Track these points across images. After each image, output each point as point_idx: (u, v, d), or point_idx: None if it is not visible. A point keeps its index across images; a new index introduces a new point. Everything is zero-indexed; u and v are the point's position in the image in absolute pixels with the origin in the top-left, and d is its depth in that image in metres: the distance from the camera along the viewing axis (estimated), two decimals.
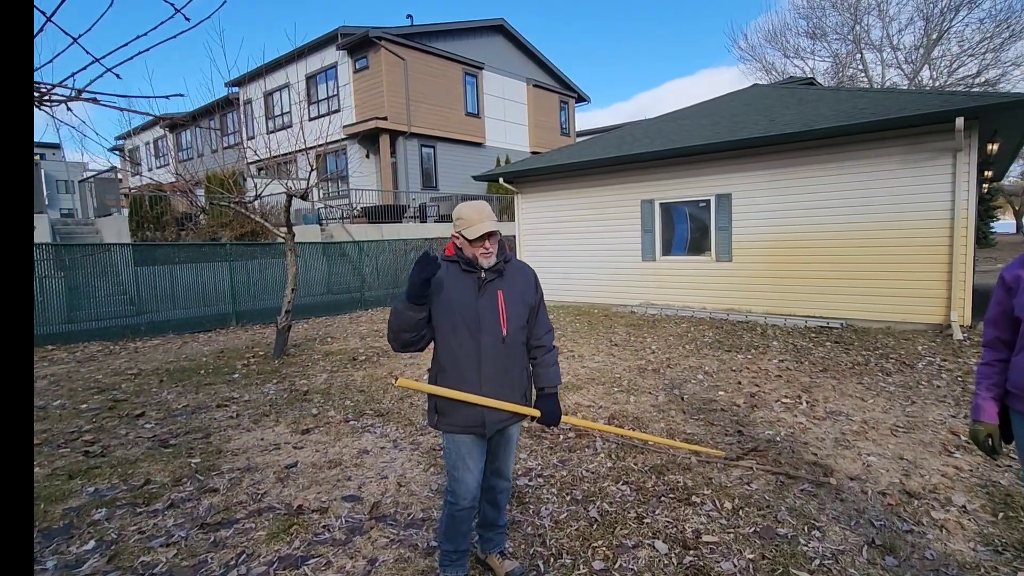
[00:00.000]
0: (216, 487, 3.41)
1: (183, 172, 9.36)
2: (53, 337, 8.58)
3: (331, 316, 11.54)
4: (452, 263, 2.19)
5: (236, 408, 5.08)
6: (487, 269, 2.17)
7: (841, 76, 25.30)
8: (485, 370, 2.15)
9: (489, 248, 2.14)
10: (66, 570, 2.58)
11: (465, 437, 2.20)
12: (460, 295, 2.14)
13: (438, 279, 2.13)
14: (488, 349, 2.14)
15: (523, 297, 2.25)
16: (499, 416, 2.21)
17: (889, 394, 4.90)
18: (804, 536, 2.69)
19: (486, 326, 2.13)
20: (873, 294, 7.93)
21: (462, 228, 2.13)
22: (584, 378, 5.72)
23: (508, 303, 2.18)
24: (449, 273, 2.17)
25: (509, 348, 2.20)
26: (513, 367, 2.24)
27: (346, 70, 17.97)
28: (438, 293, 2.13)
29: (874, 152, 7.76)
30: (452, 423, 2.19)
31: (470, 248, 2.14)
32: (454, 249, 2.22)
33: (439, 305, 2.13)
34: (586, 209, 11.17)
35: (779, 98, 10.97)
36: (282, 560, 2.61)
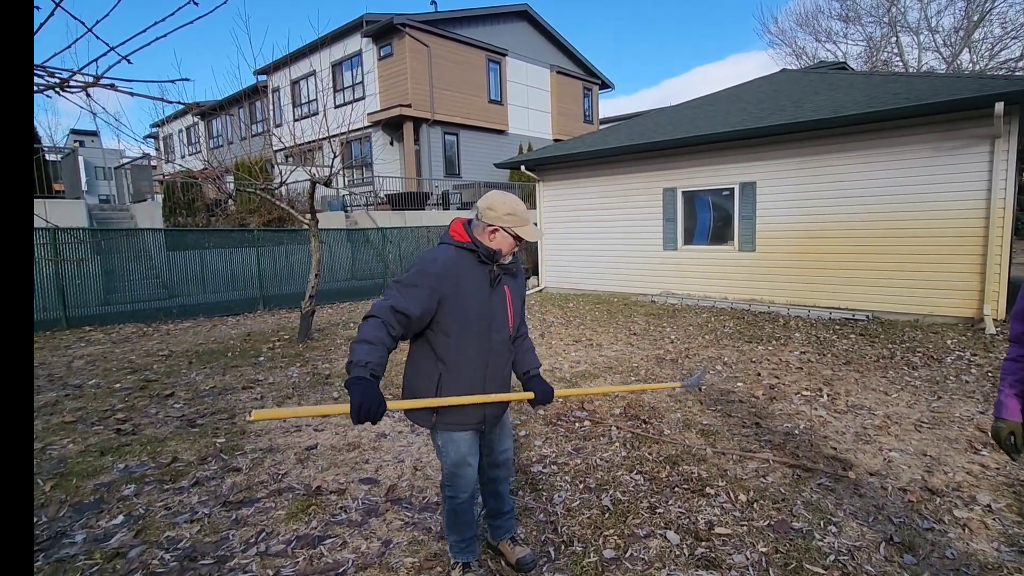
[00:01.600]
0: (239, 467, 3.52)
1: (213, 159, 9.56)
2: (91, 318, 8.93)
3: (354, 302, 11.72)
4: (467, 251, 2.01)
5: (261, 390, 5.22)
6: (502, 265, 2.09)
7: (875, 60, 24.38)
8: (491, 369, 2.09)
9: (517, 248, 2.11)
10: (95, 543, 2.69)
11: (466, 434, 2.13)
12: (475, 290, 2.00)
13: (457, 272, 1.96)
14: (496, 347, 2.08)
15: (521, 294, 2.24)
16: (497, 412, 2.21)
17: (914, 388, 4.78)
18: (820, 531, 2.65)
19: (496, 324, 2.06)
20: (901, 286, 7.70)
21: (515, 225, 1.99)
22: (601, 367, 5.71)
23: (513, 300, 2.15)
24: (463, 264, 1.99)
25: (509, 347, 2.18)
26: (508, 364, 2.23)
27: (371, 57, 18.03)
28: (456, 288, 1.95)
29: (906, 139, 7.49)
30: (453, 422, 2.08)
31: (507, 244, 2.03)
32: (466, 233, 2.04)
33: (453, 300, 1.95)
34: (608, 197, 11.06)
35: (808, 83, 10.65)
36: (300, 539, 2.69)
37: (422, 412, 2.08)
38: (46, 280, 8.53)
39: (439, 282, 1.93)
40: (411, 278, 1.94)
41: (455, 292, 1.95)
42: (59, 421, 4.43)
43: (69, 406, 4.82)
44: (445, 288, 1.93)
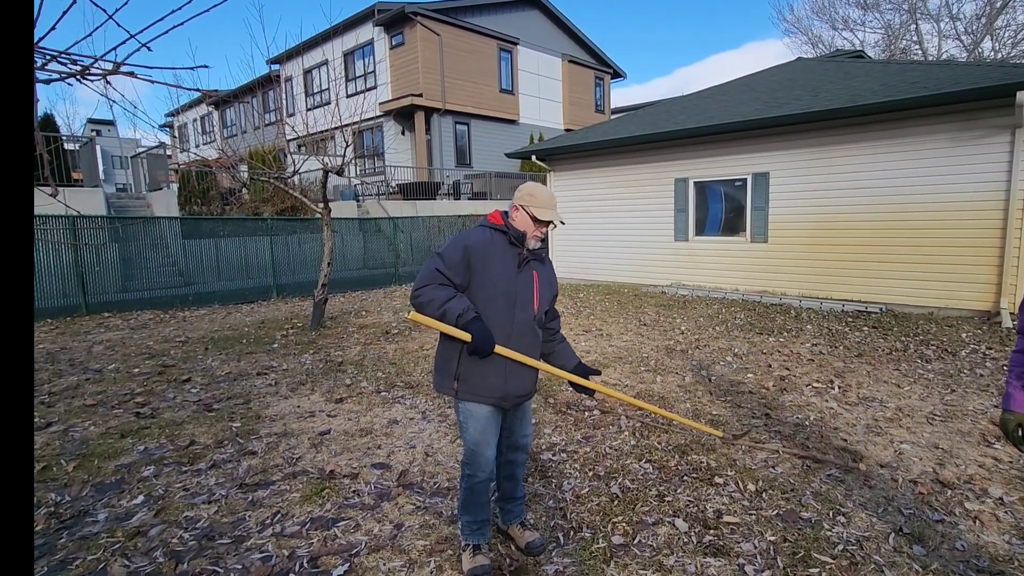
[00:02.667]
0: (255, 450, 3.60)
1: (227, 148, 9.64)
2: (109, 305, 9.10)
3: (366, 290, 11.81)
4: (500, 233, 2.22)
5: (275, 376, 5.31)
6: (530, 250, 2.25)
7: (893, 49, 23.81)
8: (513, 343, 2.20)
9: (542, 234, 2.25)
10: (116, 522, 2.77)
11: (485, 409, 2.24)
12: (503, 267, 2.18)
13: (486, 247, 2.17)
14: (519, 324, 2.21)
15: (551, 285, 2.36)
16: (519, 391, 2.27)
17: (927, 381, 4.74)
18: (828, 521, 2.67)
19: (521, 301, 2.21)
20: (916, 278, 7.61)
21: (533, 205, 2.18)
22: (611, 356, 5.72)
23: (541, 284, 2.28)
24: (495, 243, 2.20)
25: (535, 327, 2.28)
26: (535, 345, 2.32)
27: (382, 46, 17.99)
28: (485, 260, 2.15)
29: (924, 128, 7.37)
30: (473, 391, 2.20)
31: (532, 227, 2.20)
32: (502, 218, 2.25)
33: (485, 271, 2.15)
34: (619, 187, 11.01)
35: (824, 72, 10.49)
36: (314, 521, 2.75)
37: (445, 379, 2.25)
38: (66, 267, 8.69)
39: (470, 253, 2.14)
40: (447, 248, 2.16)
41: (484, 265, 2.15)
42: (80, 404, 4.54)
43: (90, 390, 4.93)
44: (475, 259, 2.13)
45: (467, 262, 2.13)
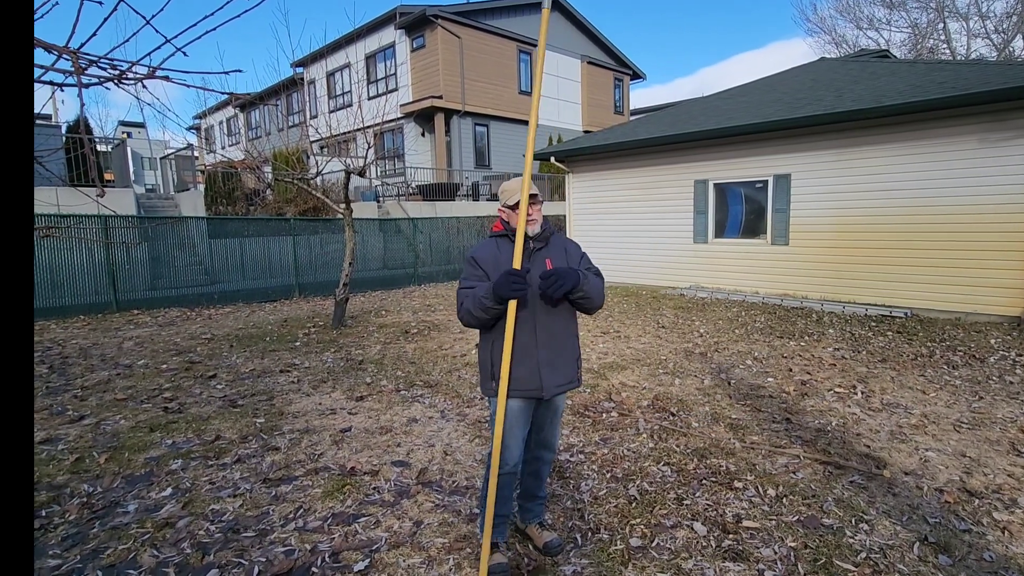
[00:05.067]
0: (278, 446, 3.68)
1: (252, 150, 9.83)
2: (139, 302, 9.36)
3: (386, 290, 11.93)
4: (501, 237, 2.37)
5: (297, 374, 5.41)
6: (533, 238, 2.31)
7: (920, 48, 23.25)
8: (539, 334, 2.27)
9: (533, 215, 2.27)
10: (146, 513, 2.86)
11: (515, 404, 2.29)
12: (511, 264, 2.23)
13: (491, 254, 2.33)
14: (541, 314, 2.28)
15: (563, 257, 2.37)
16: (557, 380, 2.31)
17: (954, 388, 4.64)
18: (851, 528, 2.63)
19: (535, 291, 2.25)
20: (942, 282, 7.44)
21: (506, 199, 2.33)
22: (629, 359, 5.71)
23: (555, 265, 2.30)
24: (500, 246, 2.34)
25: (559, 313, 2.32)
26: (564, 331, 2.35)
27: (403, 49, 18.16)
28: (493, 267, 2.28)
29: (951, 130, 7.20)
30: (511, 388, 2.25)
31: (515, 217, 2.28)
32: (502, 224, 2.39)
33: (493, 276, 2.26)
34: (637, 189, 10.95)
35: (848, 72, 10.31)
36: (336, 517, 2.81)
37: (487, 381, 2.37)
38: (98, 266, 8.96)
39: (478, 261, 2.33)
40: (464, 271, 2.38)
41: (495, 270, 2.27)
42: (112, 398, 4.68)
43: (120, 384, 5.08)
44: (486, 268, 2.31)
45: (481, 269, 2.31)
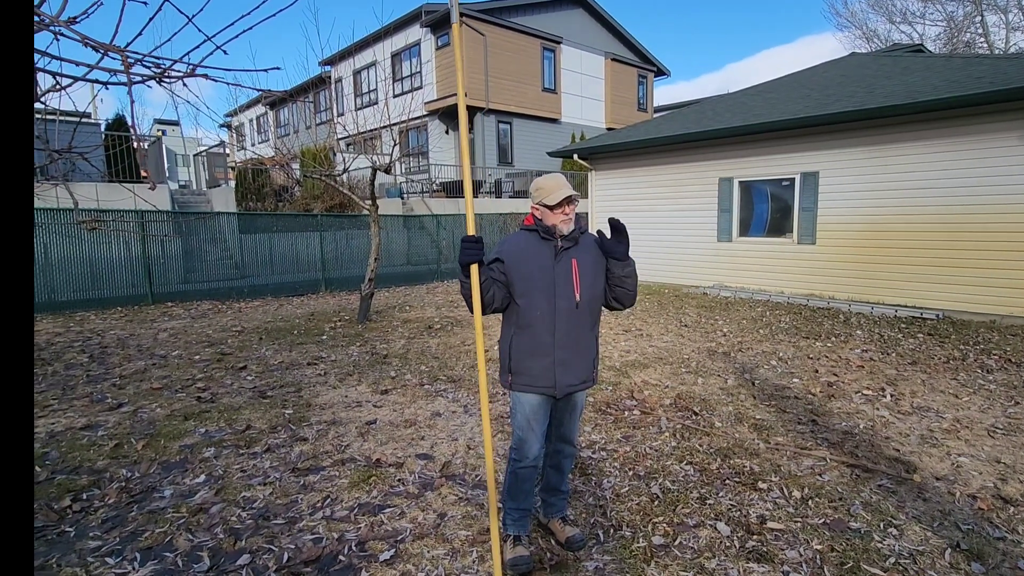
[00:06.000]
0: (306, 437, 3.77)
1: (281, 147, 10.03)
2: (172, 295, 9.67)
3: (410, 286, 12.06)
4: (531, 232, 2.34)
5: (324, 367, 5.52)
6: (564, 237, 2.29)
7: (956, 42, 22.41)
8: (559, 333, 2.27)
9: (568, 214, 2.27)
10: (181, 499, 2.96)
11: (533, 398, 2.32)
12: (537, 262, 2.27)
13: (518, 248, 2.30)
14: (562, 313, 2.26)
15: (595, 267, 2.34)
16: (570, 380, 2.31)
17: (988, 392, 4.51)
18: (879, 532, 2.59)
19: (561, 291, 2.26)
20: (977, 283, 7.22)
21: (542, 198, 2.28)
22: (652, 357, 5.68)
23: (582, 271, 2.30)
24: (528, 241, 2.32)
25: (582, 314, 2.31)
26: (585, 332, 2.35)
27: (429, 47, 18.28)
28: (517, 260, 2.27)
29: (989, 127, 6.97)
30: (525, 383, 2.31)
31: (551, 216, 2.27)
32: (533, 219, 2.36)
33: (517, 271, 2.26)
34: (661, 187, 10.86)
35: (880, 68, 10.06)
36: (362, 507, 2.87)
37: (503, 374, 2.39)
38: (135, 260, 9.28)
39: (501, 252, 2.32)
40: (490, 254, 2.35)
41: (518, 263, 2.28)
42: (148, 387, 4.85)
43: (156, 374, 5.26)
44: (510, 259, 2.29)
45: (500, 255, 2.30)
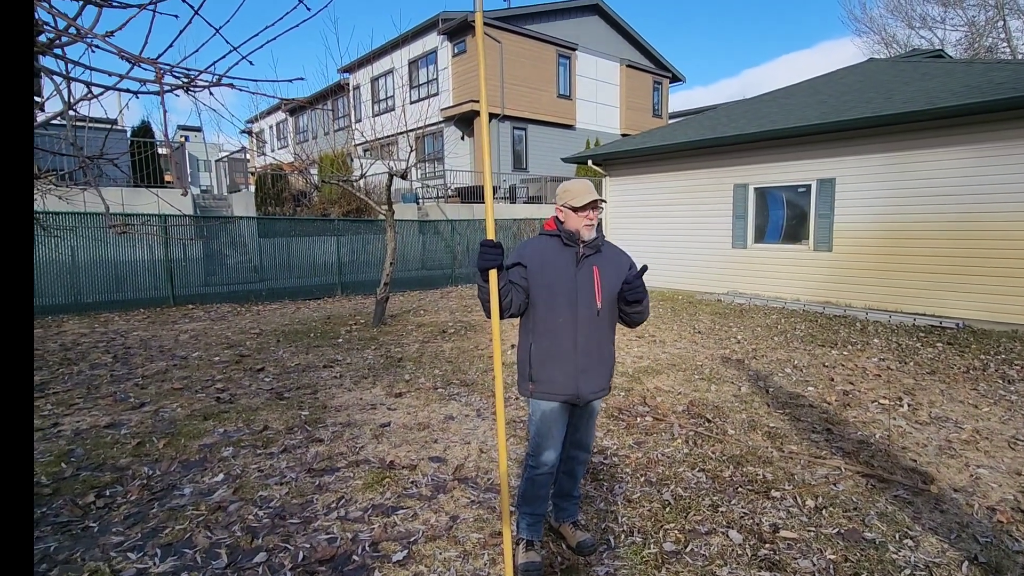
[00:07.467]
0: (321, 438, 3.83)
1: (300, 153, 10.22)
2: (193, 298, 9.87)
3: (424, 291, 12.15)
4: (553, 237, 2.33)
5: (340, 369, 5.60)
6: (586, 243, 2.29)
7: (977, 48, 21.99)
8: (580, 340, 2.27)
9: (592, 219, 2.28)
10: (200, 496, 3.03)
11: (553, 405, 2.33)
12: (559, 268, 2.27)
13: (540, 253, 2.29)
14: (583, 321, 2.27)
15: (616, 276, 2.35)
16: (592, 388, 2.32)
17: (1009, 403, 4.43)
18: (894, 543, 2.57)
19: (582, 299, 2.26)
20: (998, 292, 7.09)
21: (568, 199, 2.28)
22: (665, 363, 5.67)
23: (603, 279, 2.31)
24: (549, 247, 2.31)
25: (602, 322, 2.32)
26: (604, 340, 2.36)
27: (445, 54, 18.47)
28: (539, 266, 2.27)
29: (1011, 133, 6.87)
30: (546, 391, 2.30)
31: (574, 219, 2.27)
32: (555, 224, 2.35)
33: (540, 277, 2.26)
34: (675, 193, 10.83)
35: (898, 73, 9.95)
36: (375, 508, 2.91)
37: (523, 382, 2.38)
38: (157, 263, 9.50)
39: (523, 257, 2.30)
40: (509, 258, 2.34)
41: (540, 269, 2.27)
42: (169, 387, 4.97)
43: (177, 375, 5.38)
44: (532, 264, 2.28)
45: (519, 259, 2.28)
